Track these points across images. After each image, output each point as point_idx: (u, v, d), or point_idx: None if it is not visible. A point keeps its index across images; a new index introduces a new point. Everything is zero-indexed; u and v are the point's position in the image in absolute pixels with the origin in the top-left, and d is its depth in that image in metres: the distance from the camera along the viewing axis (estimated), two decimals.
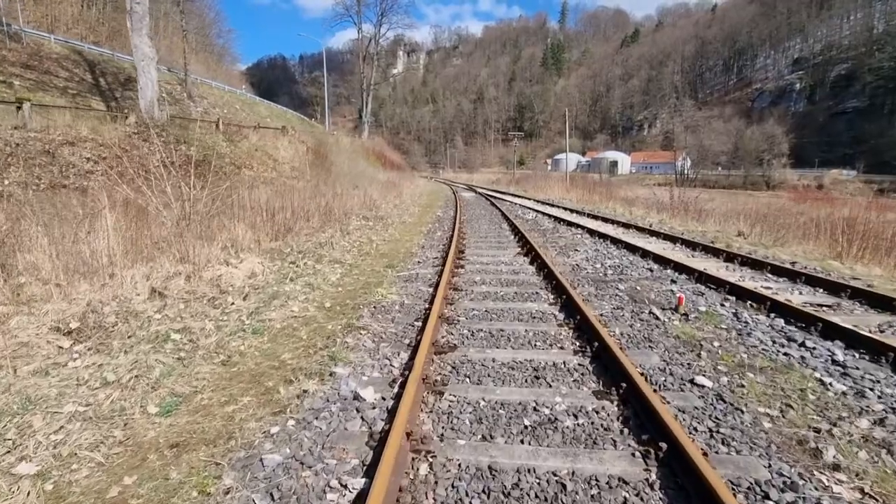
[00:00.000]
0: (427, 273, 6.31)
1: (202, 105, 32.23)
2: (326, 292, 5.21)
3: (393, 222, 11.55)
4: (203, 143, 17.59)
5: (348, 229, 9.56)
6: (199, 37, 74.24)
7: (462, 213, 14.19)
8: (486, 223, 11.94)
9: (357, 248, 7.92)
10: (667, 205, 15.74)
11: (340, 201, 12.54)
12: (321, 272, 6.02)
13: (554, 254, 7.93)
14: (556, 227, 11.08)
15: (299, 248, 7.33)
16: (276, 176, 19.60)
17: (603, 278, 6.20)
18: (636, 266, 6.85)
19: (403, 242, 8.88)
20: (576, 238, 9.50)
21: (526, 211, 15.19)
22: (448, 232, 10.05)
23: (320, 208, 9.92)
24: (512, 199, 20.87)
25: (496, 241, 9.12)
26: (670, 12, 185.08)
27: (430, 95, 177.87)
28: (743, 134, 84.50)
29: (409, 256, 7.53)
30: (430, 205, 17.63)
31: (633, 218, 13.53)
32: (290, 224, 8.47)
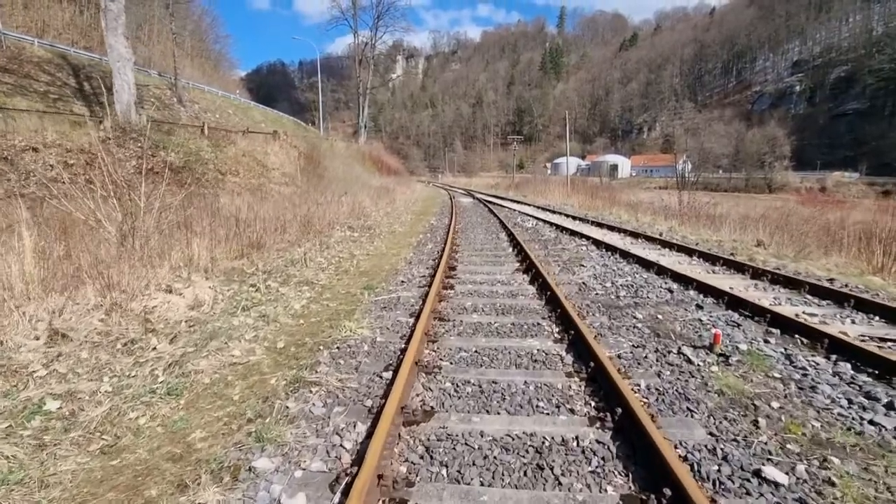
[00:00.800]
0: (410, 297, 5.40)
1: (193, 110, 31.41)
2: (283, 327, 4.30)
3: (381, 233, 10.65)
4: (185, 149, 16.74)
5: (329, 242, 8.66)
6: (195, 42, 73.83)
7: (457, 221, 13.31)
8: (483, 232, 11.05)
9: (335, 266, 7.02)
10: (675, 210, 14.86)
11: (326, 210, 11.66)
12: (284, 298, 5.11)
13: (557, 270, 7.03)
14: (558, 238, 10.18)
15: (267, 266, 6.43)
16: (264, 183, 18.73)
17: (615, 302, 5.29)
18: (652, 285, 5.94)
19: (389, 257, 7.97)
20: (581, 250, 8.59)
21: (525, 218, 14.30)
22: (440, 244, 9.15)
23: (298, 219, 9.02)
24: (511, 206, 19.99)
25: (492, 255, 8.22)
26: (668, 16, 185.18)
27: (429, 100, 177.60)
28: (744, 136, 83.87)
29: (392, 275, 6.63)
30: (424, 212, 16.73)
31: (640, 226, 12.64)
32: (260, 238, 7.57)
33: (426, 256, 8.03)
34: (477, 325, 4.48)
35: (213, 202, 11.82)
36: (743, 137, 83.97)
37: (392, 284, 6.04)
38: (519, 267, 7.15)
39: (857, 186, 66.75)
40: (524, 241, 9.06)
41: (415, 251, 8.56)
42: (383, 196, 18.97)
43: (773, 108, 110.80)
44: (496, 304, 5.15)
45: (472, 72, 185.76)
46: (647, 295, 5.56)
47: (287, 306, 4.85)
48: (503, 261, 7.68)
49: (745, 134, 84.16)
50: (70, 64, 25.68)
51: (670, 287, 5.86)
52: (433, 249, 8.69)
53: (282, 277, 5.97)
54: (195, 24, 78.83)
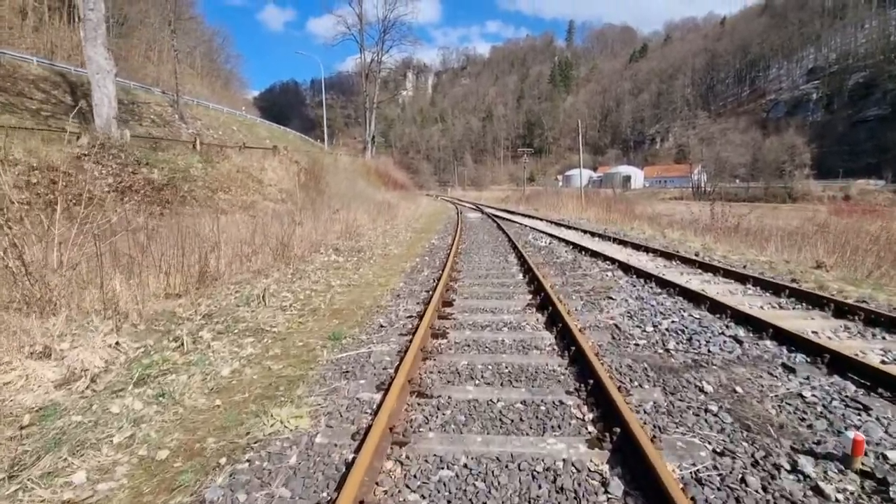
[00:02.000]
0: (385, 352, 4.01)
1: (195, 126, 30.78)
2: (186, 414, 2.93)
3: (372, 256, 9.31)
4: (173, 166, 15.73)
5: (306, 270, 7.33)
6: (206, 62, 74.69)
7: (461, 240, 11.93)
8: (489, 254, 9.64)
9: (302, 302, 5.67)
10: (705, 224, 13.31)
11: (314, 229, 10.39)
12: (211, 359, 3.76)
13: (579, 306, 5.59)
14: (576, 260, 8.73)
15: (213, 306, 5.11)
16: (257, 200, 17.63)
17: (666, 361, 3.83)
18: (710, 331, 4.46)
19: (374, 288, 6.61)
20: (606, 276, 7.13)
21: (538, 236, 12.87)
22: (437, 270, 7.76)
23: (274, 241, 7.72)
24: (522, 221, 18.57)
25: (499, 284, 6.80)
26: (678, 27, 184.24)
27: (438, 115, 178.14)
28: (761, 145, 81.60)
29: (371, 315, 5.25)
30: (426, 229, 15.40)
31: (669, 243, 11.12)
32: (216, 268, 6.27)
33: (419, 287, 6.64)
34: (472, 407, 3.05)
35: (193, 222, 10.65)
36: (760, 146, 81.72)
37: (366, 331, 4.66)
38: (531, 301, 5.72)
39: (883, 194, 64.14)
40: (537, 266, 7.64)
41: (407, 280, 7.18)
42: (384, 212, 17.72)
43: (790, 116, 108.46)
44: (501, 366, 3.73)
45: (482, 86, 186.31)
46: (708, 347, 4.08)
47: (209, 373, 3.48)
48: (512, 293, 6.25)
49: (763, 142, 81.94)
50: (68, 82, 25.21)
51: (736, 334, 4.37)
52: (429, 277, 7.30)
53: (224, 324, 4.63)
54: (207, 45, 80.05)
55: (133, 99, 28.16)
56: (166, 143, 20.22)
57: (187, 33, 68.47)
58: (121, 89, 29.02)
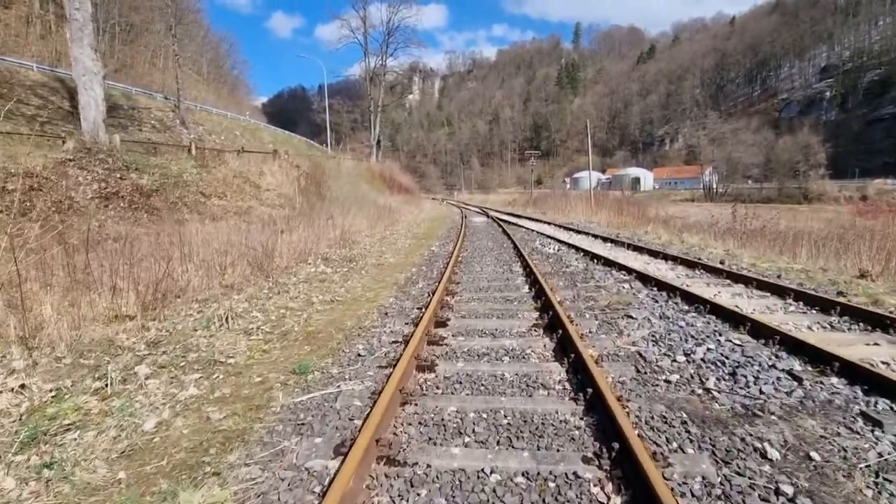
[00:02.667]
0: (356, 395, 3.25)
1: (196, 132, 30.38)
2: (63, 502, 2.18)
3: (365, 265, 8.57)
4: (165, 171, 15.16)
5: (287, 283, 6.60)
6: (212, 68, 74.96)
7: (463, 247, 11.16)
8: (492, 263, 8.85)
9: (274, 323, 4.93)
10: (725, 227, 12.40)
11: (307, 236, 9.69)
12: (138, 405, 3.02)
13: (594, 325, 4.79)
14: (588, 269, 7.91)
15: (165, 330, 4.39)
16: (253, 206, 17.01)
17: (709, 408, 3.01)
18: (757, 362, 3.64)
19: (360, 305, 5.85)
20: (622, 289, 6.31)
21: (546, 241, 12.05)
22: (434, 282, 7.00)
23: (255, 251, 7.00)
24: (528, 225, 17.76)
25: (501, 299, 6.02)
26: (686, 27, 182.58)
27: (445, 118, 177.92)
28: (774, 145, 79.95)
29: (350, 339, 4.50)
30: (427, 235, 14.64)
31: (688, 248, 10.25)
32: (185, 283, 5.56)
33: (411, 303, 5.88)
34: (456, 482, 2.27)
35: (180, 230, 10.00)
36: (773, 146, 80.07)
37: (340, 362, 3.90)
38: (538, 321, 4.92)
39: None
40: (544, 276, 6.84)
41: (398, 294, 6.41)
42: (385, 217, 17.01)
43: (803, 116, 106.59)
44: (498, 415, 2.94)
45: (488, 89, 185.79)
46: (759, 386, 3.26)
47: (127, 427, 2.74)
48: (515, 310, 5.46)
49: (776, 142, 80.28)
50: (67, 88, 24.86)
51: (791, 368, 3.54)
52: (423, 291, 6.54)
53: (171, 354, 3.90)
54: (213, 52, 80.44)
55: (133, 104, 27.85)
56: (163, 147, 19.76)
57: (193, 40, 68.75)
58: (122, 94, 28.76)
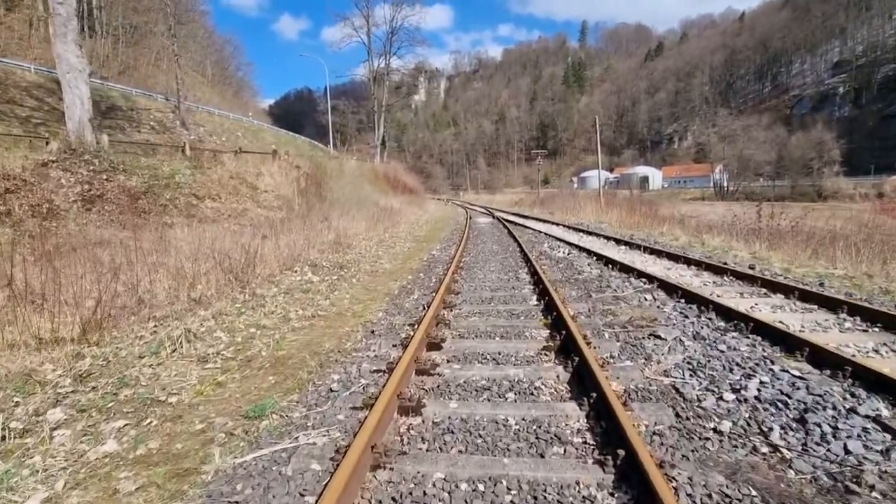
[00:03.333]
0: (315, 454, 2.51)
1: (196, 133, 29.93)
2: None
3: (357, 272, 7.84)
4: (157, 172, 14.57)
5: (266, 295, 5.89)
6: (217, 70, 74.90)
7: (467, 250, 10.41)
8: (497, 269, 8.09)
9: (238, 347, 4.22)
10: (747, 227, 11.53)
11: (295, 240, 9.00)
12: (26, 471, 2.31)
13: (615, 348, 4.02)
14: (603, 276, 7.12)
15: (101, 358, 3.69)
16: (250, 208, 16.39)
17: (784, 479, 2.24)
18: (830, 404, 2.85)
19: (343, 322, 5.13)
20: (645, 301, 5.53)
21: (555, 244, 11.26)
22: (431, 292, 6.27)
23: (220, 262, 6.29)
24: (536, 226, 16.97)
25: (506, 314, 5.26)
26: (694, 24, 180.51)
27: (451, 119, 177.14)
28: (787, 142, 78.34)
29: (325, 368, 3.77)
30: (428, 238, 13.90)
31: (710, 252, 9.42)
32: (145, 296, 4.87)
33: (402, 318, 5.14)
34: None
35: (162, 233, 9.36)
36: (786, 143, 78.47)
37: (307, 400, 3.17)
38: (548, 342, 4.17)
39: None
40: (554, 285, 6.09)
41: (389, 307, 5.68)
42: (386, 219, 16.30)
43: (816, 112, 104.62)
44: (499, 488, 2.20)
45: (494, 89, 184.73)
46: (841, 440, 2.48)
47: None
48: (522, 327, 4.71)
49: (788, 139, 78.68)
50: None
51: (877, 412, 2.75)
52: (418, 303, 5.80)
53: (104, 389, 3.19)
54: (218, 54, 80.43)
55: (132, 105, 27.44)
56: (158, 148, 19.22)
57: (198, 42, 68.69)
58: (121, 96, 28.37)
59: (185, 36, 58.77)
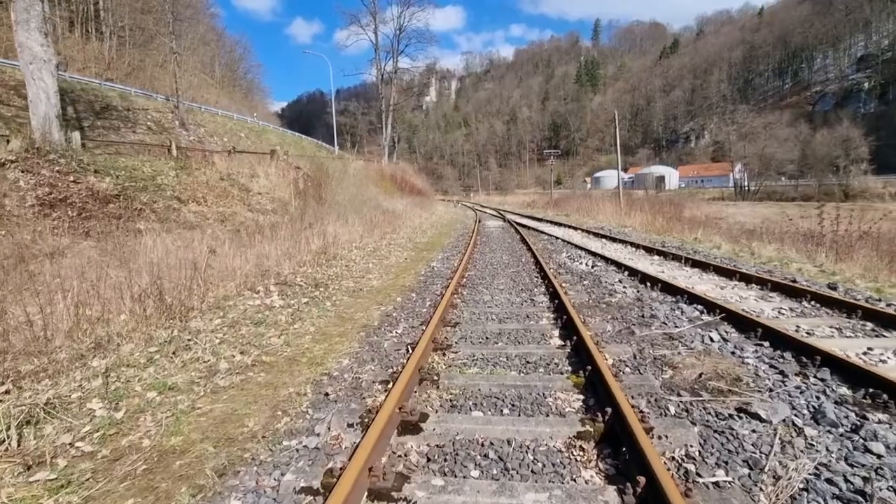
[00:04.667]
0: None
1: (196, 133, 28.91)
2: None
3: (335, 292, 6.40)
4: (137, 173, 13.37)
5: (204, 330, 4.47)
6: (225, 71, 74.56)
7: (472, 261, 8.94)
8: (507, 288, 6.60)
9: (112, 431, 2.81)
10: (802, 232, 9.86)
11: (271, 249, 7.63)
12: None
13: (692, 440, 2.51)
14: (643, 300, 5.58)
15: None
16: (239, 211, 15.10)
17: None
18: None
19: (294, 373, 3.69)
20: (712, 346, 3.99)
21: (575, 253, 9.71)
22: (420, 324, 4.81)
23: (155, 283, 4.89)
24: (551, 231, 15.42)
25: (519, 363, 3.77)
26: (711, 21, 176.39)
27: (462, 119, 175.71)
28: (811, 139, 75.29)
29: (229, 474, 2.34)
30: (430, 245, 12.42)
31: (765, 264, 7.80)
32: (30, 338, 3.49)
33: (375, 368, 3.69)
34: None
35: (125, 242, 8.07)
36: (810, 140, 75.43)
37: None
38: (584, 423, 2.66)
39: None
40: (581, 313, 4.59)
41: (362, 348, 4.23)
42: (386, 223, 14.89)
43: (839, 108, 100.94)
44: None
45: (506, 89, 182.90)
46: None
47: None
48: (543, 390, 3.21)
49: (813, 137, 75.61)
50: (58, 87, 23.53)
51: None
52: (401, 340, 4.34)
53: None
54: (228, 56, 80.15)
55: (130, 105, 26.46)
56: (145, 148, 18.09)
57: (208, 44, 68.34)
58: (118, 95, 27.44)
59: (193, 38, 58.37)
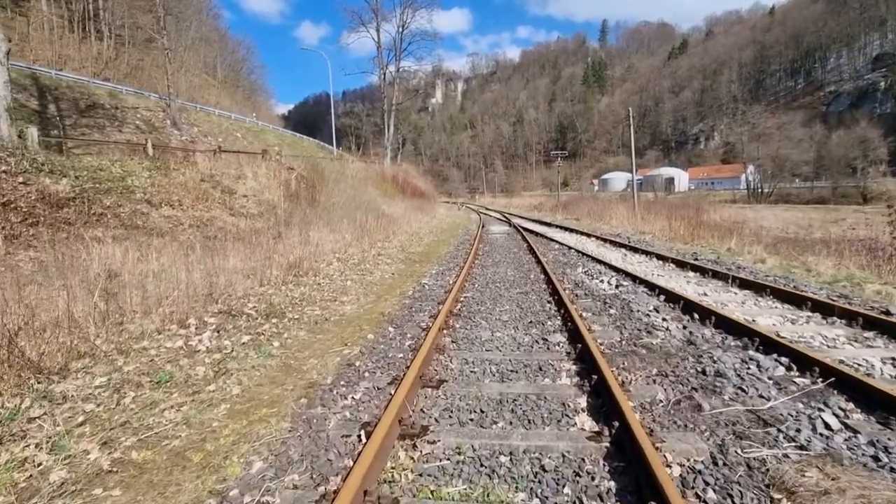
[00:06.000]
0: None
1: (189, 133, 27.75)
2: None
3: (292, 325, 5.00)
4: (103, 174, 12.10)
5: (73, 395, 3.11)
6: (227, 72, 73.72)
7: (471, 277, 7.53)
8: (512, 318, 5.16)
9: None
10: (860, 243, 8.37)
11: (224, 264, 6.27)
12: None
13: None
14: (696, 343, 4.13)
15: None
16: (219, 215, 13.78)
17: None
18: None
19: (173, 485, 2.30)
20: (837, 442, 2.57)
21: (594, 269, 8.25)
22: (389, 382, 3.40)
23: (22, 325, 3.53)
24: (562, 238, 13.96)
25: (530, 476, 2.37)
26: (720, 21, 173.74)
27: (468, 121, 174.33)
28: (826, 140, 73.07)
29: None
30: (425, 256, 10.99)
31: (832, 284, 6.33)
32: None
33: (304, 477, 2.31)
34: None
35: (67, 253, 6.78)
36: (825, 141, 73.22)
37: None
38: None
39: None
40: (617, 363, 3.16)
41: (293, 434, 2.84)
42: (379, 229, 13.51)
43: (854, 109, 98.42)
44: None
45: (512, 91, 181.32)
46: None
47: None
48: None
49: (829, 137, 73.39)
50: (38, 85, 22.49)
51: None
52: (356, 415, 2.94)
53: None
54: (232, 56, 79.36)
55: (119, 103, 25.35)
56: (90, 144, 16.89)
57: (209, 43, 67.51)
58: (107, 93, 26.36)
59: (194, 37, 57.49)
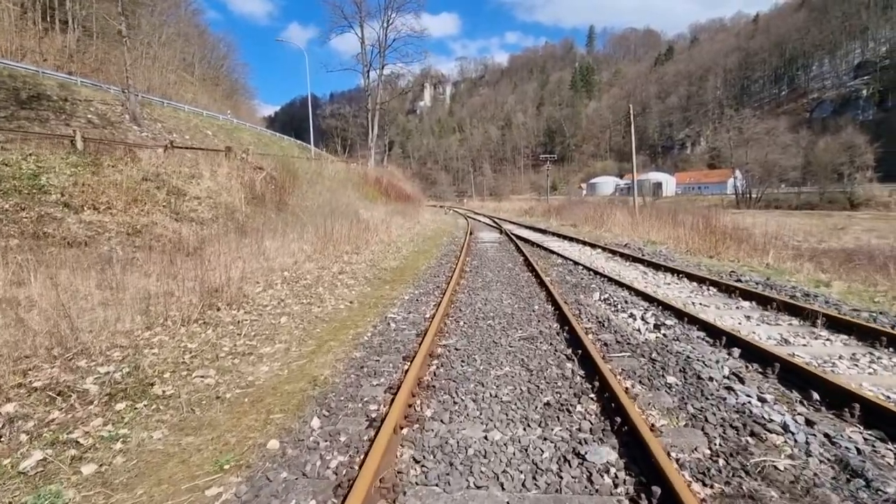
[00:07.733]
0: None
1: (151, 129, 25.40)
2: None
3: (153, 413, 3.13)
4: (4, 172, 10.01)
5: None
6: (205, 69, 70.92)
7: (456, 307, 5.68)
8: (514, 397, 3.32)
9: None
10: None
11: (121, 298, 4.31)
12: None
13: None
14: (864, 476, 2.37)
15: None
16: (159, 220, 11.71)
17: None
18: None
19: None
20: None
21: (616, 296, 6.44)
22: None
23: None
24: (562, 248, 12.21)
25: None
26: (704, 28, 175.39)
27: (456, 125, 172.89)
28: (814, 146, 73.09)
29: None
30: (398, 274, 9.07)
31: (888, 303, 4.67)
32: None
33: None
34: None
35: None
36: (812, 147, 73.25)
37: None
38: None
39: None
40: None
41: None
42: (347, 240, 11.57)
43: (837, 115, 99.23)
44: None
45: (500, 95, 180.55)
46: None
47: None
48: None
49: (816, 143, 73.46)
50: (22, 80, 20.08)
51: None
52: None
53: None
54: (211, 53, 76.38)
55: (69, 95, 22.97)
56: (46, 139, 14.74)
57: (187, 39, 64.67)
58: (58, 84, 23.94)
59: (171, 32, 54.84)
